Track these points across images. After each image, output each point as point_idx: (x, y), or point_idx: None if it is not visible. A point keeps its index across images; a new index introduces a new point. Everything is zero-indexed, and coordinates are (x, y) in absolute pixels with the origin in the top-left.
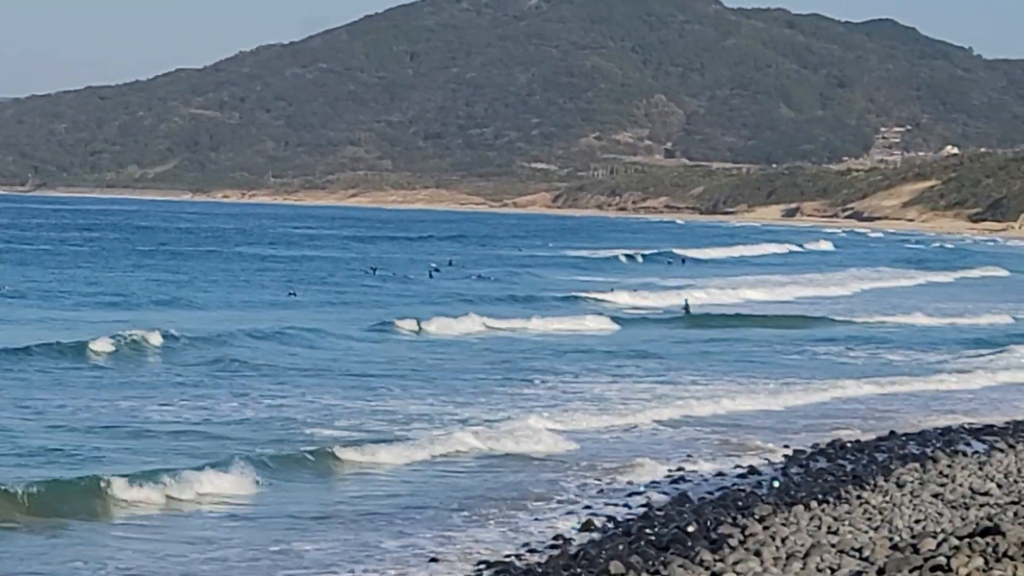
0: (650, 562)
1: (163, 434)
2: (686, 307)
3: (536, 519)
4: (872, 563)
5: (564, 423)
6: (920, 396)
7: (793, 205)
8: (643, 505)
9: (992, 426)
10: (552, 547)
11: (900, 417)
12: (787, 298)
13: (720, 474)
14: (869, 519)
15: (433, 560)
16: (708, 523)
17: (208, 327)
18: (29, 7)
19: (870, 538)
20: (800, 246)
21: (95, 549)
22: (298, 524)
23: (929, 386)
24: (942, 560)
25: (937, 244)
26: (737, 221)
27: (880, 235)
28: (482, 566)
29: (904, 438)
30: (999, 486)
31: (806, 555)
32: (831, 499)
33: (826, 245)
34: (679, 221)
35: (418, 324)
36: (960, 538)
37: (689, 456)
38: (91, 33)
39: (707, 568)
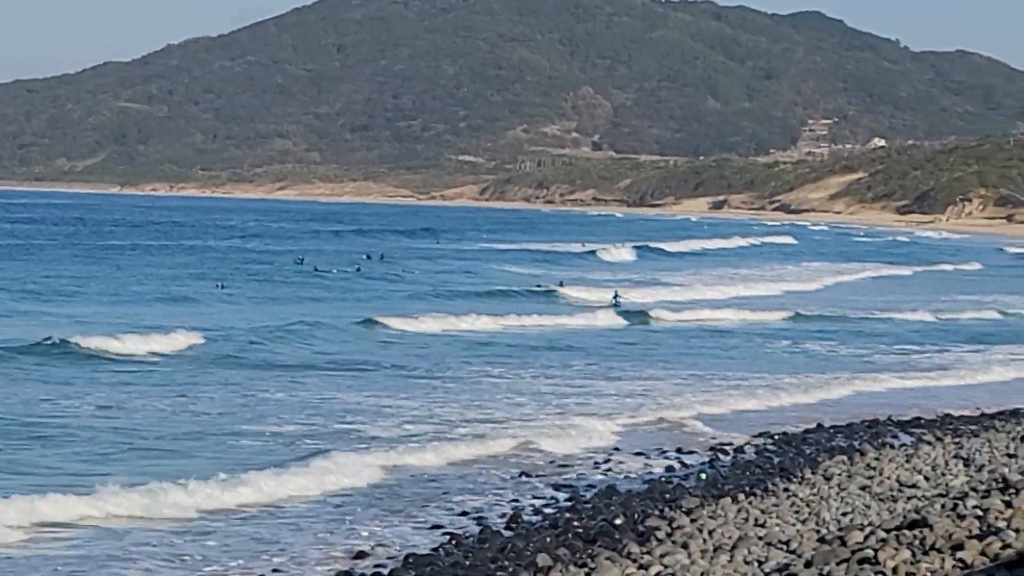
0: (577, 555)
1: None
2: (615, 300)
3: (463, 512)
4: (799, 556)
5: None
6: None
7: (720, 197)
8: (570, 498)
9: (920, 419)
10: (480, 540)
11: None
12: (779, 292)
13: (647, 466)
14: (796, 512)
15: (359, 556)
16: (635, 516)
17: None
18: None
19: (797, 531)
20: (761, 240)
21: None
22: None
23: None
24: (869, 553)
25: (890, 238)
26: (670, 213)
27: (824, 228)
28: (409, 560)
29: (831, 431)
30: (926, 479)
31: (733, 548)
32: (758, 492)
33: (788, 239)
34: (618, 215)
35: (403, 321)
36: (887, 531)
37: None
38: (19, 26)
39: (634, 560)
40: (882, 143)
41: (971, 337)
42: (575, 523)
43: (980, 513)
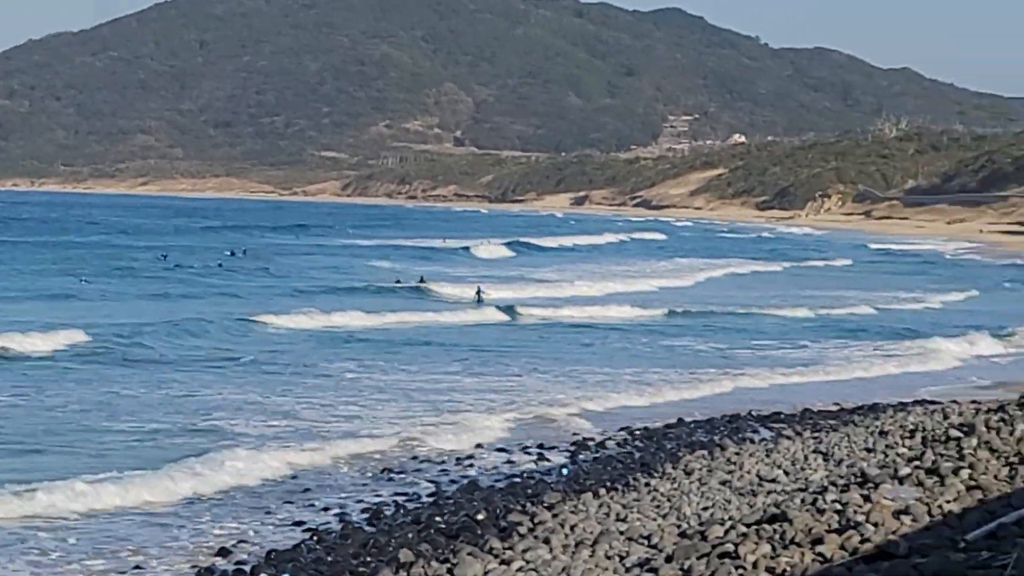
0: (439, 550)
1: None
2: (479, 297)
3: (325, 509)
4: (660, 550)
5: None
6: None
7: (582, 193)
8: (432, 493)
9: (779, 413)
10: (342, 536)
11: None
12: (650, 288)
13: (510, 462)
14: (657, 506)
15: (221, 553)
16: (497, 511)
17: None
18: None
19: (658, 525)
20: (630, 236)
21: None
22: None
23: (820, 377)
24: (730, 547)
25: (755, 234)
26: (533, 209)
27: (688, 224)
28: (271, 556)
29: (692, 425)
30: (786, 473)
31: (595, 542)
32: (620, 487)
33: (657, 235)
34: (483, 210)
35: (268, 316)
36: (748, 525)
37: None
38: None
39: (496, 556)
40: (742, 139)
41: (844, 332)
42: (437, 519)
43: (839, 507)
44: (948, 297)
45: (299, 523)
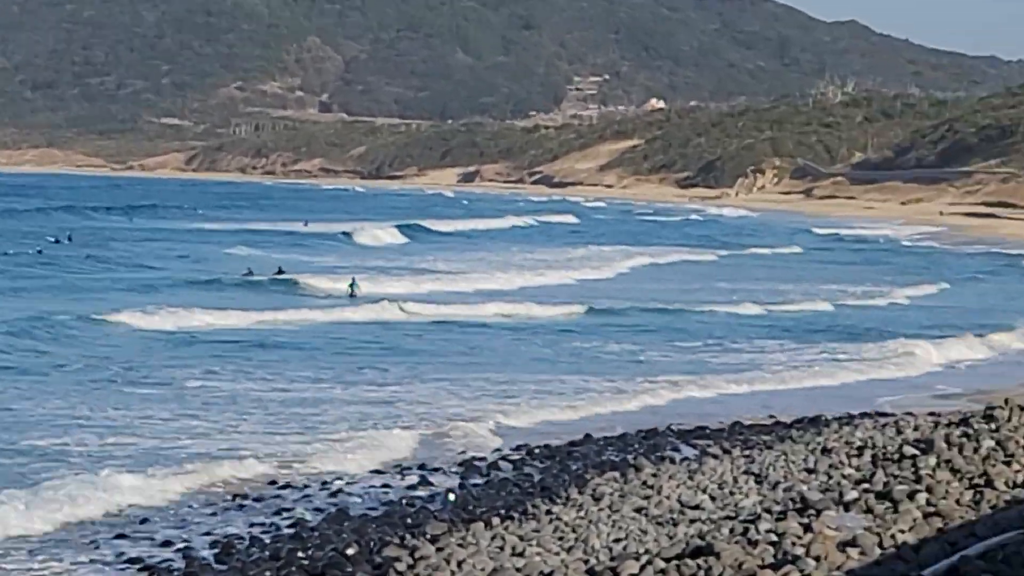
0: None
1: None
2: (352, 290)
3: (166, 543)
4: None
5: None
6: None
7: (472, 168)
8: (293, 524)
9: (704, 428)
10: (186, 575)
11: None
12: (565, 281)
13: (386, 486)
14: (561, 538)
15: None
16: (371, 544)
17: None
18: None
19: (562, 561)
20: (537, 219)
21: None
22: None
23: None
24: None
25: (680, 216)
26: (415, 186)
27: (601, 205)
28: None
29: (602, 442)
30: (712, 498)
31: None
32: (516, 515)
33: (568, 218)
34: (357, 188)
35: (99, 314)
36: (667, 560)
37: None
38: None
39: None
40: (660, 105)
41: (797, 333)
42: (299, 554)
43: (774, 538)
44: (915, 291)
45: (134, 560)
